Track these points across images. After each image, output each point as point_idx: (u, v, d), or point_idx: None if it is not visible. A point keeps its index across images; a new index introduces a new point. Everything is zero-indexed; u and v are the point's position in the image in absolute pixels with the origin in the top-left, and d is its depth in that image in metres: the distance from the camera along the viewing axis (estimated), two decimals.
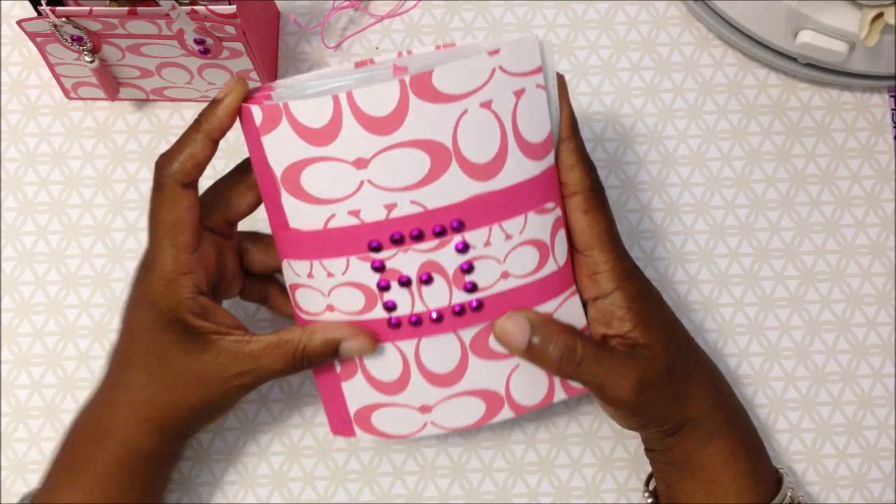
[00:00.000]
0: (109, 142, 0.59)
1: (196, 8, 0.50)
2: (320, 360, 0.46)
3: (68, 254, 0.58)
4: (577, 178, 0.46)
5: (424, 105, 0.42)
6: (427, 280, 0.45)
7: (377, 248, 0.44)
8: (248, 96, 0.45)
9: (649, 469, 0.51)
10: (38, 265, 0.57)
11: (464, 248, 0.44)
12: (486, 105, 0.43)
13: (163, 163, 0.46)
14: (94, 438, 0.48)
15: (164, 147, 0.58)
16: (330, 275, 0.45)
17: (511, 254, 0.45)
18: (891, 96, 0.60)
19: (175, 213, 0.46)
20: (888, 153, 0.59)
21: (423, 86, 0.42)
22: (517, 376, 0.47)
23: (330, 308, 0.46)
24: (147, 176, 0.58)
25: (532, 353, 0.45)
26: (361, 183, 0.43)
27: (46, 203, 0.58)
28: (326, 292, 0.46)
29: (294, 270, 0.46)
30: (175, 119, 0.59)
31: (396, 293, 0.45)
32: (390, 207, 0.43)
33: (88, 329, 0.57)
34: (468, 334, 0.46)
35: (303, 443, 0.56)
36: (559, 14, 0.61)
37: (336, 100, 0.42)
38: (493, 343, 0.46)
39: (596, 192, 0.46)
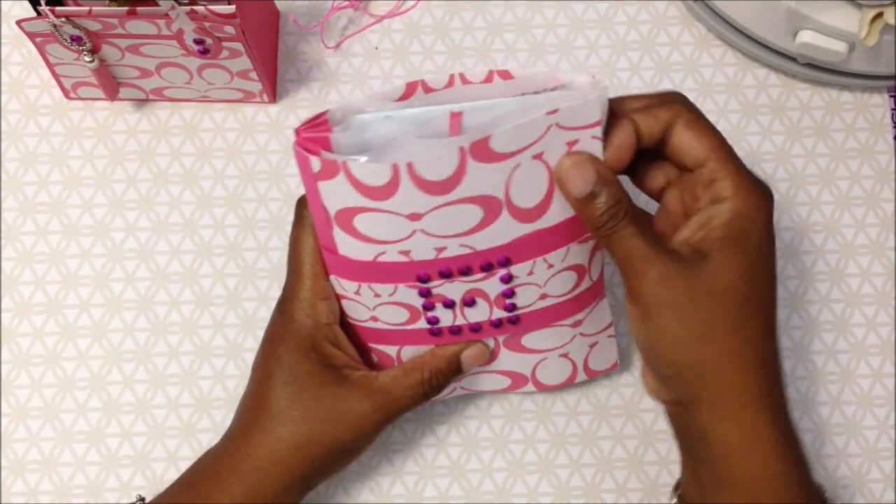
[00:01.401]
0: (109, 142, 0.59)
1: (195, 8, 0.50)
2: (446, 379, 0.49)
3: (68, 254, 0.58)
4: (665, 113, 0.42)
5: (480, 166, 0.41)
6: (470, 303, 0.47)
7: (425, 280, 0.46)
8: (304, 129, 0.43)
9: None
10: (38, 265, 0.58)
11: (508, 279, 0.46)
12: (538, 157, 0.42)
13: (304, 200, 0.47)
14: (218, 478, 0.47)
15: (164, 147, 0.59)
16: (377, 295, 0.46)
17: (551, 279, 0.47)
18: (891, 96, 0.60)
19: (314, 241, 0.47)
20: (888, 153, 0.59)
21: (481, 150, 0.41)
22: (543, 366, 0.51)
23: (374, 319, 0.48)
24: (146, 176, 0.58)
25: (583, 205, 0.42)
26: (414, 231, 0.43)
27: (46, 203, 0.58)
28: (372, 307, 0.47)
29: (341, 286, 0.47)
30: (175, 119, 0.59)
31: (440, 312, 0.47)
32: (440, 250, 0.44)
33: (88, 329, 0.57)
34: (502, 338, 0.50)
35: None
36: (559, 14, 0.61)
37: (396, 168, 0.41)
38: (525, 342, 0.50)
39: (693, 112, 0.42)
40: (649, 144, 0.43)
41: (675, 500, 0.47)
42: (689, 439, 0.44)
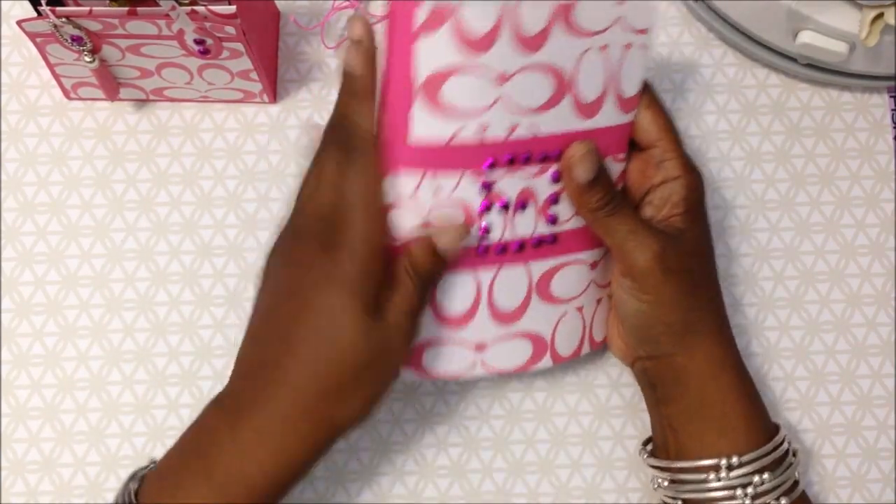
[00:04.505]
0: (109, 142, 0.59)
1: (196, 8, 0.50)
2: (428, 271, 0.45)
3: (68, 254, 0.58)
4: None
5: (562, 34, 0.45)
6: (522, 206, 0.47)
7: (492, 166, 0.46)
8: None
9: (648, 469, 0.51)
10: (37, 265, 0.58)
11: (557, 178, 0.48)
12: (603, 49, 0.46)
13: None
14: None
15: (164, 147, 0.59)
16: (438, 191, 0.45)
17: None
18: (891, 96, 0.60)
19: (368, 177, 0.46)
20: (888, 153, 0.59)
21: (565, 15, 0.44)
22: (563, 324, 0.51)
23: (426, 226, 0.46)
24: (146, 176, 0.58)
25: (585, 190, 0.47)
26: (496, 99, 0.44)
27: (46, 203, 0.58)
28: (427, 210, 0.45)
29: (399, 187, 0.45)
30: (175, 119, 0.59)
31: (494, 217, 0.47)
32: (512, 129, 0.45)
33: (88, 329, 0.57)
34: (538, 271, 0.49)
35: None
36: None
37: (503, 9, 0.42)
38: (553, 287, 0.50)
39: (651, 91, 0.50)
40: None
41: (645, 456, 0.51)
42: (663, 385, 0.49)
